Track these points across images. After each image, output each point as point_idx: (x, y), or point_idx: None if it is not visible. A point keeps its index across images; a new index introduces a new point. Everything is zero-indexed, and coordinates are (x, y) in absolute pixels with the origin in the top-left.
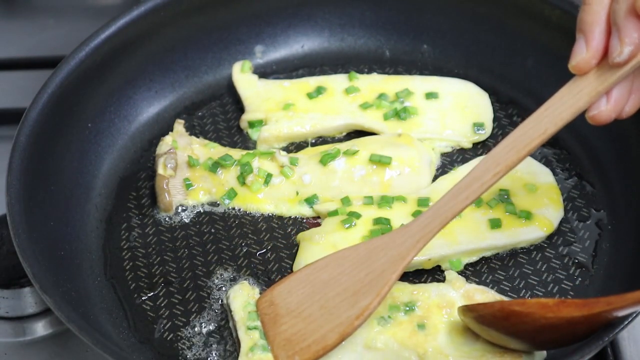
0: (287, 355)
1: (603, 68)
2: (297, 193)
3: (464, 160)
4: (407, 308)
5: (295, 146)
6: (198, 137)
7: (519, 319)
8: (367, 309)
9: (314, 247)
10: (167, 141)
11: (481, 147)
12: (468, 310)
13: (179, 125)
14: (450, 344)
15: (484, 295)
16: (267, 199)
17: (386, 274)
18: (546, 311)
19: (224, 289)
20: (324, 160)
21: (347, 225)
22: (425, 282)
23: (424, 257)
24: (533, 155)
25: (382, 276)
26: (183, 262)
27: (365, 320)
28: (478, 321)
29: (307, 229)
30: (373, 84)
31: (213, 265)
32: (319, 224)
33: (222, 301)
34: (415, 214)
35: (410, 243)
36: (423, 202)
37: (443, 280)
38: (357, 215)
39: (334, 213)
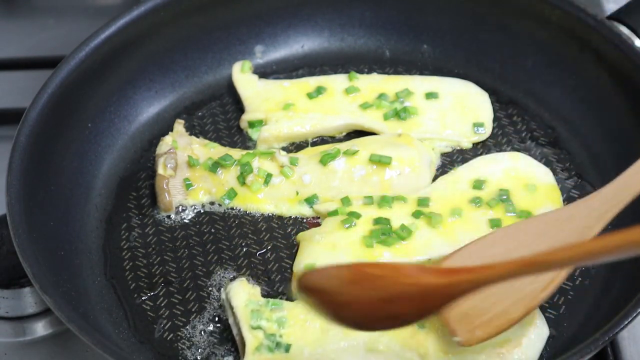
0: (467, 330)
1: None
2: (297, 193)
3: (464, 160)
4: None
5: (295, 146)
6: (198, 137)
7: (371, 283)
8: (553, 281)
9: (314, 247)
10: (167, 141)
11: (481, 147)
12: (309, 274)
13: (179, 125)
14: (451, 342)
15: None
16: (267, 199)
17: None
18: (404, 276)
19: (224, 289)
20: (324, 160)
21: (347, 225)
22: None
23: (424, 257)
24: (533, 155)
25: None
26: (183, 262)
27: (552, 292)
28: (319, 287)
29: (307, 229)
30: (373, 84)
31: (213, 265)
32: (319, 224)
33: (221, 297)
34: (416, 214)
35: (598, 214)
36: (423, 202)
37: None
38: (357, 215)
39: (334, 213)
